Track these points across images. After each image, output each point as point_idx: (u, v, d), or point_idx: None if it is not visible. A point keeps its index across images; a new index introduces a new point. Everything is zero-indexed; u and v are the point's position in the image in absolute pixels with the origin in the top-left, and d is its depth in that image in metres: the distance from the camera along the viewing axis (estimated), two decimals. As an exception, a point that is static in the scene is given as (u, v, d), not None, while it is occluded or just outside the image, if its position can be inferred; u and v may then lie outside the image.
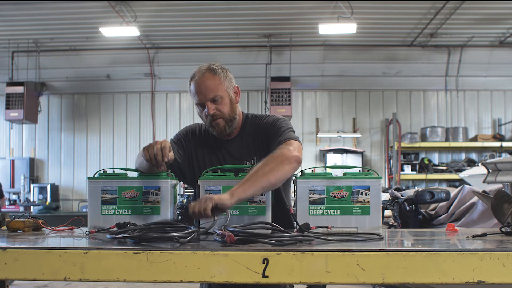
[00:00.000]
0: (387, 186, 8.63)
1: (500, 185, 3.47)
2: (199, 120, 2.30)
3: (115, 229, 1.74)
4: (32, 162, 9.99)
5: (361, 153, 9.44)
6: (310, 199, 1.79)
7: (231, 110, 2.12)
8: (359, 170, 1.88)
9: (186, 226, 1.63)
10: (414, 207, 3.03)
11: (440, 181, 9.52)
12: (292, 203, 2.26)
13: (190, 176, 2.19)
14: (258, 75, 9.09)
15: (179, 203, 6.70)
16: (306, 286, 1.98)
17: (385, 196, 3.29)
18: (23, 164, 9.87)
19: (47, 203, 8.99)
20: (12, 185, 9.83)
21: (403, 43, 9.14)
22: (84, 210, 8.62)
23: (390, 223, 3.08)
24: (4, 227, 1.83)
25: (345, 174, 1.84)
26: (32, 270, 1.31)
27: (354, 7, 7.37)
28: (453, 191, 3.08)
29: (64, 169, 10.10)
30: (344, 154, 9.34)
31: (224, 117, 2.09)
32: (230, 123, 2.12)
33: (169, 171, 1.91)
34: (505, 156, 9.05)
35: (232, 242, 1.38)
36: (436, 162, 9.66)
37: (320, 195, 1.79)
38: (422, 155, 9.68)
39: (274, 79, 8.96)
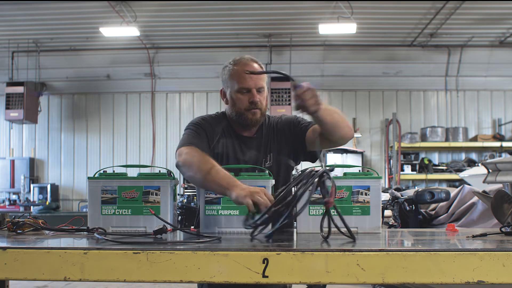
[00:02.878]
0: (387, 186, 8.63)
1: (500, 185, 3.47)
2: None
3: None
4: (32, 162, 9.99)
5: (361, 153, 9.44)
6: (310, 199, 1.79)
7: (266, 106, 2.19)
8: (359, 170, 1.88)
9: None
10: (414, 207, 3.03)
11: (440, 181, 9.52)
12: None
13: None
14: (258, 75, 9.07)
15: (179, 203, 6.70)
16: (306, 286, 1.98)
17: (385, 196, 3.29)
18: (23, 164, 9.87)
19: (47, 203, 8.98)
20: (12, 185, 9.83)
21: (403, 43, 9.14)
22: (84, 210, 8.61)
23: (390, 223, 3.08)
24: (4, 227, 1.83)
25: (345, 174, 1.84)
26: (32, 270, 1.31)
27: (354, 7, 7.37)
28: (453, 191, 3.08)
29: (64, 169, 10.10)
30: (344, 154, 9.34)
31: (262, 109, 2.15)
32: (263, 117, 2.19)
33: (171, 170, 1.91)
34: (505, 156, 9.05)
35: None
36: (436, 162, 9.66)
37: (320, 195, 1.78)
38: (422, 155, 9.68)
39: (274, 79, 8.95)
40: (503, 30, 8.55)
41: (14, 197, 9.87)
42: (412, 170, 9.33)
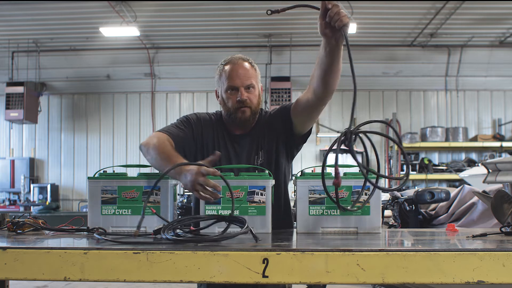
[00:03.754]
0: (387, 186, 8.63)
1: (500, 185, 3.46)
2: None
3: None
4: (32, 162, 9.99)
5: (361, 153, 9.43)
6: (310, 199, 1.79)
7: (258, 103, 2.18)
8: (359, 170, 1.88)
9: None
10: (414, 207, 3.02)
11: (440, 181, 9.52)
12: (292, 203, 2.26)
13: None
14: (258, 75, 9.09)
15: (179, 203, 6.70)
16: (306, 286, 1.98)
17: (385, 196, 3.30)
18: (23, 164, 9.87)
19: (47, 203, 8.99)
20: (12, 185, 9.82)
21: (403, 43, 9.14)
22: (84, 210, 8.61)
23: (390, 223, 3.08)
24: (4, 227, 1.83)
25: (345, 174, 1.84)
26: (32, 270, 1.31)
27: (354, 7, 7.37)
28: (453, 191, 3.08)
29: (64, 169, 10.10)
30: (344, 154, 9.34)
31: (252, 107, 2.14)
32: (254, 115, 2.17)
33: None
34: (505, 156, 9.05)
35: None
36: (436, 162, 9.66)
37: (320, 195, 1.79)
38: (422, 155, 9.68)
39: (274, 79, 8.96)
40: (503, 30, 8.55)
41: (14, 197, 9.87)
42: (412, 170, 9.32)
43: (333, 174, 1.56)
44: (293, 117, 2.13)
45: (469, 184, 4.82)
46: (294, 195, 1.90)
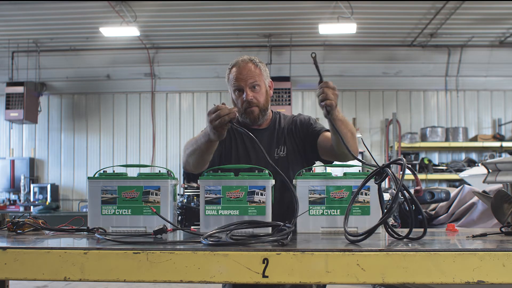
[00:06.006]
0: (387, 186, 8.62)
1: (500, 185, 3.46)
2: (198, 121, 2.32)
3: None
4: (32, 162, 9.99)
5: (361, 153, 9.44)
6: (310, 199, 1.79)
7: (266, 100, 2.27)
8: (359, 170, 1.88)
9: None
10: (414, 207, 3.02)
11: (440, 181, 9.51)
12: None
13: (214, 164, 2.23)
14: (258, 75, 9.08)
15: (179, 203, 6.70)
16: (306, 286, 1.98)
17: (385, 196, 3.29)
18: (23, 164, 9.87)
19: (47, 203, 8.99)
20: (12, 185, 9.82)
21: (403, 43, 9.14)
22: (84, 210, 8.61)
23: (390, 223, 3.08)
24: (4, 227, 1.83)
25: (345, 174, 1.84)
26: (32, 270, 1.31)
27: (354, 7, 7.37)
28: (453, 191, 3.09)
29: (64, 169, 10.10)
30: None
31: (260, 105, 2.23)
32: (264, 112, 2.26)
33: (171, 170, 1.91)
34: (505, 156, 9.05)
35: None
36: (436, 162, 9.65)
37: (320, 195, 1.79)
38: (422, 155, 9.68)
39: (274, 79, 8.88)
40: (503, 30, 8.55)
41: (14, 197, 9.87)
42: (412, 170, 9.31)
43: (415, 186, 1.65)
44: (319, 146, 2.24)
45: (469, 184, 4.83)
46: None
